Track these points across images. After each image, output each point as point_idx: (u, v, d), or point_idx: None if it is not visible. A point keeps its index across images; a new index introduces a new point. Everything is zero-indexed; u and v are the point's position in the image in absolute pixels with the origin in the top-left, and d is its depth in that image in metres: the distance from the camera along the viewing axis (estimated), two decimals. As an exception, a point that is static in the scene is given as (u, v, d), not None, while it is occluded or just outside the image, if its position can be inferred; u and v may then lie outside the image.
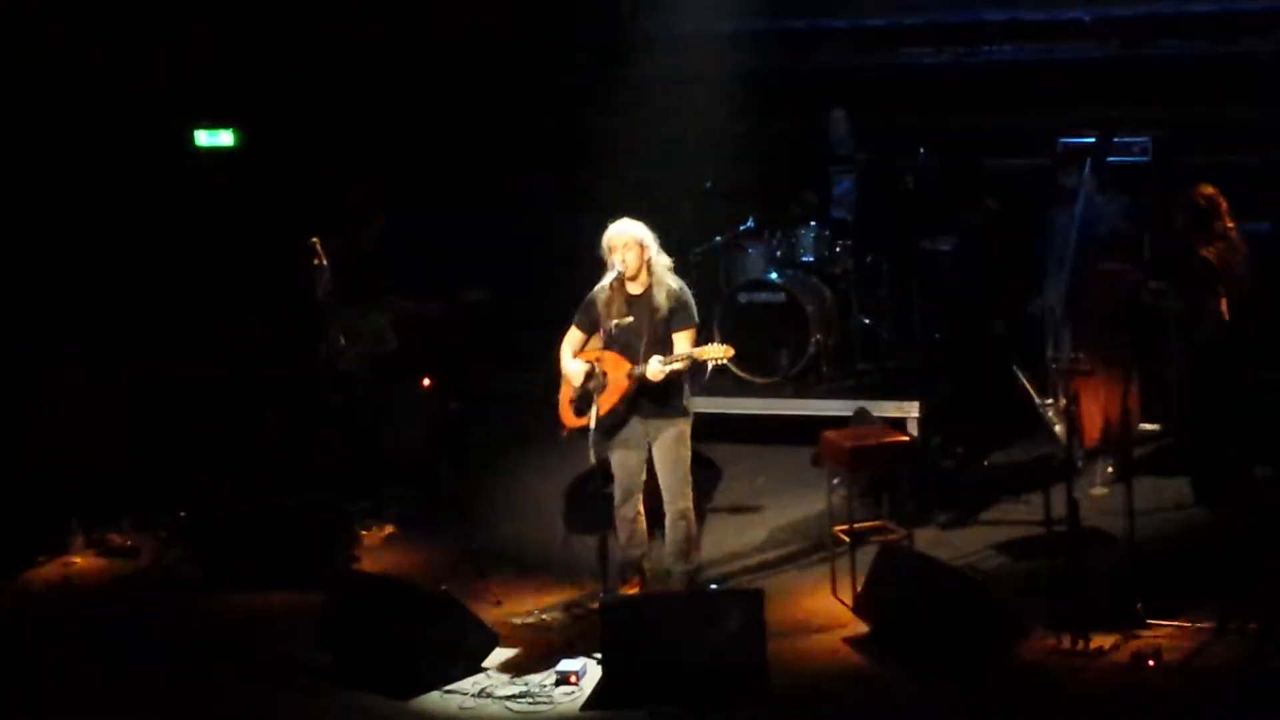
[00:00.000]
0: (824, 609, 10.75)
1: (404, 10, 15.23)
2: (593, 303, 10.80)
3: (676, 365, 10.48)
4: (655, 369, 10.46)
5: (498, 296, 13.06)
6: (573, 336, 10.90)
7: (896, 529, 11.10)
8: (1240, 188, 11.71)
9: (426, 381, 12.83)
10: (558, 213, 15.15)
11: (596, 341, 10.81)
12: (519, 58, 15.15)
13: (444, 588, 10.59)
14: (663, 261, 10.81)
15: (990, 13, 15.12)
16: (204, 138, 15.63)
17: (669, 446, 10.75)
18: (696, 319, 10.77)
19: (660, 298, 10.65)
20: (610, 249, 10.66)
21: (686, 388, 10.81)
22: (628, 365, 10.59)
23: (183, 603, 11.47)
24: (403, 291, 12.93)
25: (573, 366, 10.82)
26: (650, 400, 10.66)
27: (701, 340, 10.91)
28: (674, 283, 10.72)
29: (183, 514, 12.35)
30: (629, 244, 10.64)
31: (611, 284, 10.68)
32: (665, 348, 10.60)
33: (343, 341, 12.46)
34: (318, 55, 15.20)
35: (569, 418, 10.88)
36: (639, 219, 10.76)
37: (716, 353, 10.57)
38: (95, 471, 12.82)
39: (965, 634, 9.82)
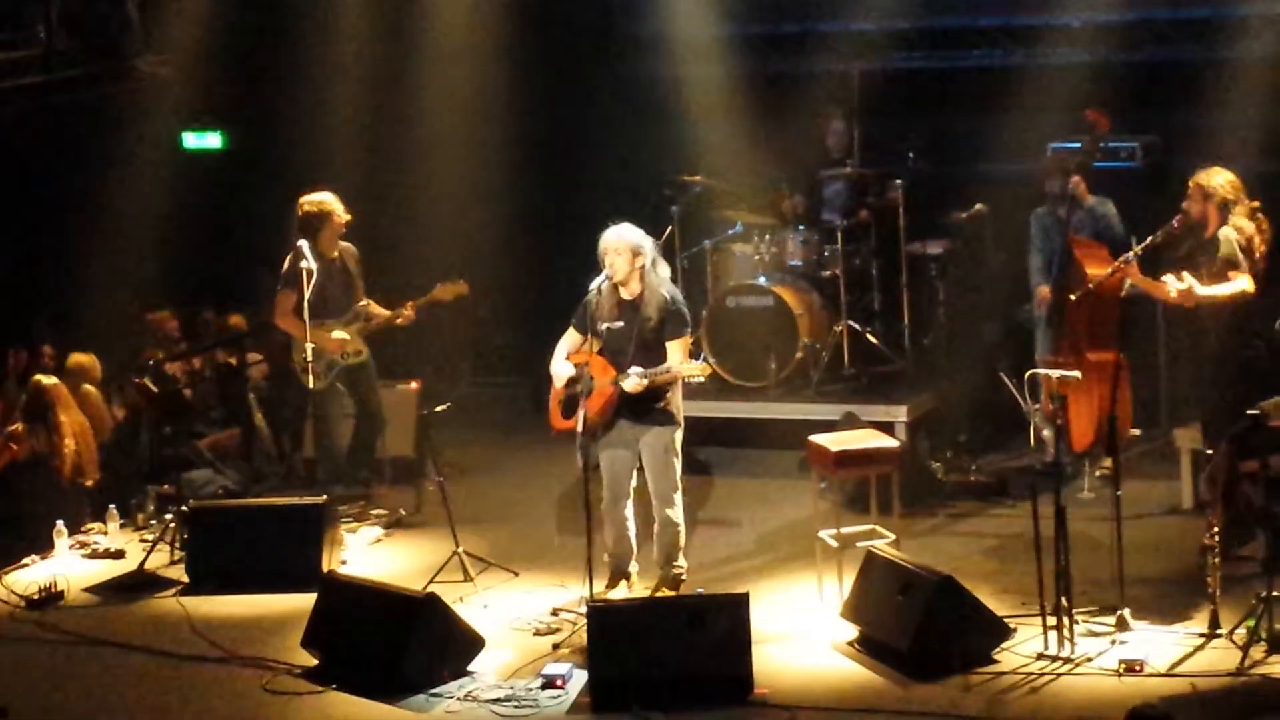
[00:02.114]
0: (811, 613, 10.74)
1: (394, 11, 15.22)
2: (586, 304, 10.80)
3: (657, 379, 10.48)
4: (633, 383, 10.47)
5: (473, 289, 12.94)
6: (569, 337, 10.92)
7: (884, 533, 11.08)
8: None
9: (414, 384, 12.83)
10: (547, 216, 15.17)
11: (591, 343, 10.79)
12: (507, 59, 15.15)
13: (431, 591, 10.56)
14: (661, 271, 10.81)
15: (980, 18, 15.12)
16: (192, 140, 15.63)
17: (658, 453, 10.75)
18: (689, 328, 10.77)
19: (651, 306, 10.64)
20: (602, 253, 10.66)
21: (678, 396, 10.79)
22: (613, 372, 10.59)
23: (168, 605, 11.45)
24: (377, 297, 12.85)
25: (560, 369, 10.84)
26: (640, 406, 10.66)
27: (690, 346, 10.90)
28: (666, 291, 10.71)
29: (169, 516, 12.34)
30: (619, 249, 10.63)
31: (602, 287, 10.68)
32: (655, 356, 10.60)
33: (309, 359, 12.37)
34: (307, 56, 15.20)
35: (556, 420, 10.90)
36: (630, 222, 10.77)
37: (693, 370, 10.52)
38: (82, 473, 12.80)
39: (952, 638, 9.81)
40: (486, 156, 15.11)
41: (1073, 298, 11.90)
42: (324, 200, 12.59)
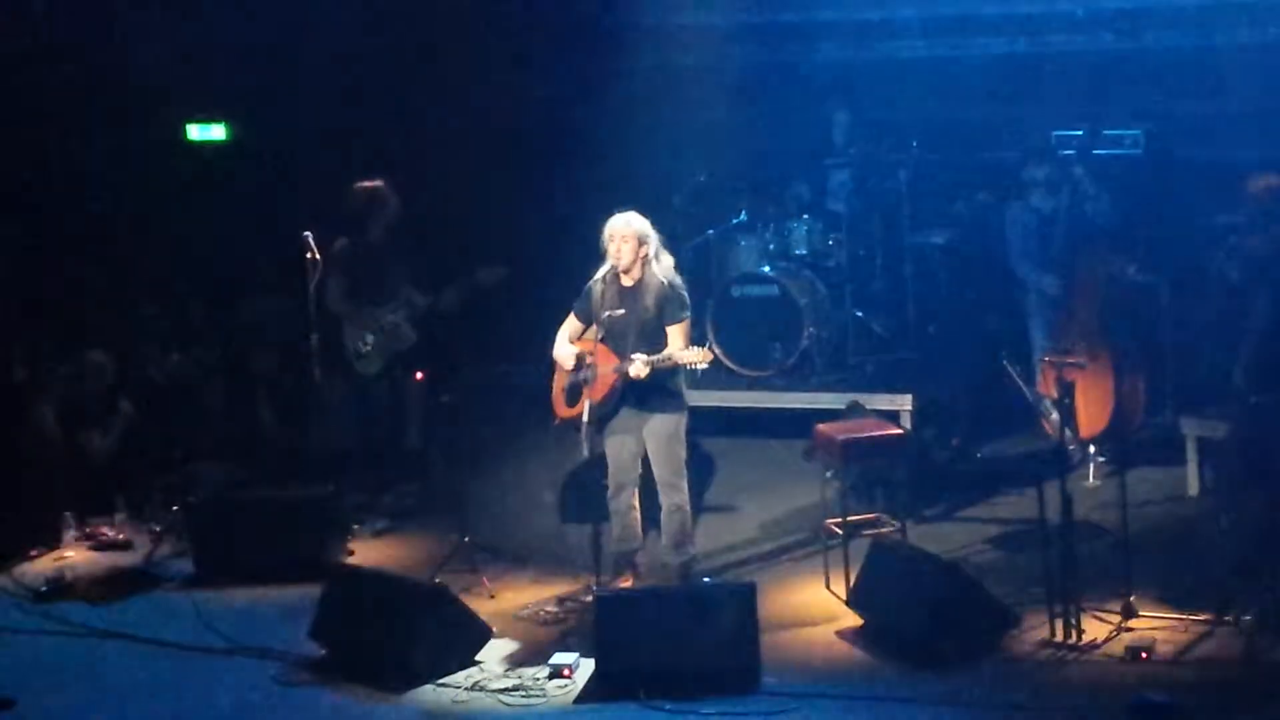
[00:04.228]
0: (817, 602, 10.76)
1: (397, 2, 15.21)
2: (589, 292, 10.82)
3: (658, 365, 10.49)
4: (638, 368, 10.48)
5: (512, 272, 12.90)
6: (570, 324, 10.93)
7: (890, 522, 11.10)
8: (1232, 181, 11.67)
9: (419, 375, 12.82)
10: (549, 205, 15.15)
11: (595, 331, 10.80)
12: (511, 50, 15.14)
13: (438, 581, 10.58)
14: (665, 261, 10.82)
15: (983, 6, 15.12)
16: (196, 132, 15.61)
17: (663, 440, 10.76)
18: (688, 311, 10.77)
19: (650, 293, 10.65)
20: (609, 238, 10.68)
21: (682, 381, 10.80)
22: (615, 360, 10.60)
23: (175, 597, 11.46)
24: (415, 282, 12.83)
25: (564, 352, 10.85)
26: (643, 393, 10.66)
27: (695, 334, 10.91)
28: (665, 278, 10.72)
29: (176, 507, 12.35)
30: (626, 236, 10.65)
31: (605, 275, 10.70)
32: (656, 342, 10.61)
33: (364, 346, 12.44)
34: (311, 47, 15.18)
35: (560, 408, 10.92)
36: (635, 212, 10.78)
37: (695, 357, 10.51)
38: (89, 464, 12.82)
39: (958, 626, 9.83)
40: (489, 148, 15.10)
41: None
42: (376, 186, 12.61)
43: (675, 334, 10.66)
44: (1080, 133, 13.08)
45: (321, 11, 15.14)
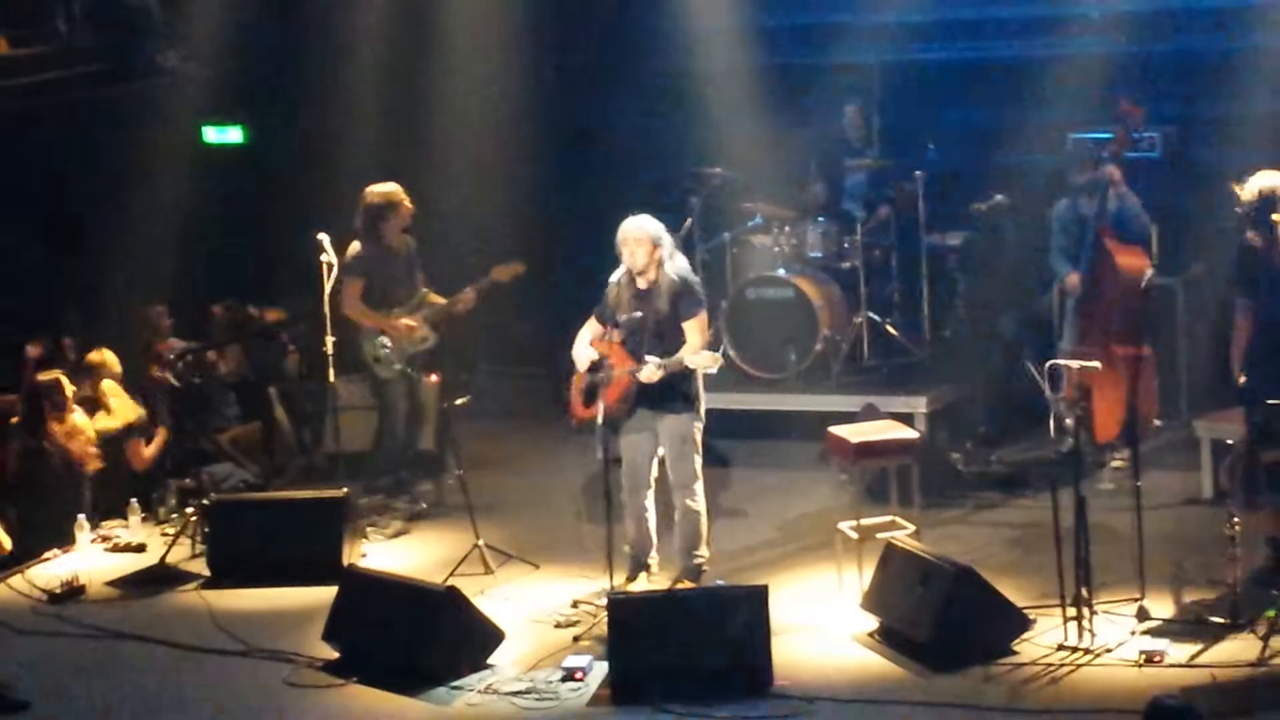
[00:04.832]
0: (830, 605, 10.74)
1: (414, 5, 15.23)
2: (606, 295, 10.83)
3: (670, 368, 10.49)
4: (649, 371, 10.49)
5: (529, 268, 12.87)
6: (590, 326, 10.94)
7: (904, 524, 11.08)
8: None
9: (434, 377, 12.83)
10: (567, 208, 15.17)
11: (613, 333, 10.80)
12: (526, 52, 15.16)
13: (451, 584, 10.58)
14: (679, 260, 10.82)
15: (999, 8, 15.12)
16: (213, 134, 15.64)
17: (677, 444, 10.77)
18: (703, 306, 10.76)
19: (664, 293, 10.66)
20: (622, 242, 10.69)
21: (699, 385, 10.80)
22: (631, 362, 10.61)
23: (190, 599, 11.48)
24: (433, 285, 12.83)
25: (582, 353, 10.86)
26: (658, 395, 10.67)
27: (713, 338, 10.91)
28: (677, 275, 10.71)
29: (190, 510, 12.37)
30: (640, 240, 10.66)
31: (621, 278, 10.71)
32: (674, 342, 10.62)
33: (382, 349, 12.47)
34: (328, 49, 15.22)
35: (578, 408, 10.92)
36: (650, 215, 10.79)
37: (704, 361, 10.51)
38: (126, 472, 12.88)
39: (971, 630, 9.82)
40: (506, 149, 15.11)
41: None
42: (391, 190, 12.59)
43: (692, 330, 10.67)
44: (1109, 135, 13.06)
45: (338, 13, 15.18)
